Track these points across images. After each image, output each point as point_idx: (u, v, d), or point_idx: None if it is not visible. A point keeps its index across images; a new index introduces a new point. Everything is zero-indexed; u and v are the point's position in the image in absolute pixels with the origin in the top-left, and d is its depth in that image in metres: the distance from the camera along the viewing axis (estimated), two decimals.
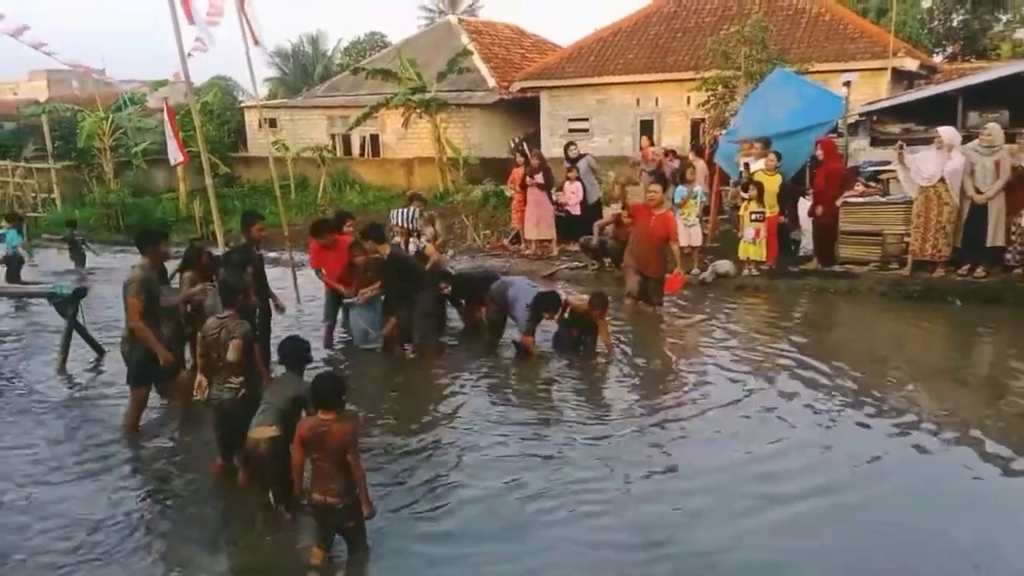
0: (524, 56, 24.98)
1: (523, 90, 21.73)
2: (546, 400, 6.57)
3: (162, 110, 11.32)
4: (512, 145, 21.62)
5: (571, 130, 20.92)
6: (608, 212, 12.90)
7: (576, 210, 12.41)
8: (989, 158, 9.00)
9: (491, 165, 19.15)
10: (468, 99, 21.99)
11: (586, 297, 7.51)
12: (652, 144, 13.59)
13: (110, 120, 20.49)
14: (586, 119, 20.98)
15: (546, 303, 7.29)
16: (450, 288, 8.30)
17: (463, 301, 8.52)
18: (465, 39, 23.47)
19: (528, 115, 22.19)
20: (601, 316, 7.38)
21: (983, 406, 6.12)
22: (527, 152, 14.10)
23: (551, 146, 21.31)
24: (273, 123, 23.83)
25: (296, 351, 4.82)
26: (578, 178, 12.41)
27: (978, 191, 9.06)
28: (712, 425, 5.83)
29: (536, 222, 12.19)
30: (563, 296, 7.64)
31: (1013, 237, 9.10)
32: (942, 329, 8.32)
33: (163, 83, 18.87)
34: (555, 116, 21.45)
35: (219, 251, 7.75)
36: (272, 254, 12.71)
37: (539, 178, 12.11)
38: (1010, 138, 9.29)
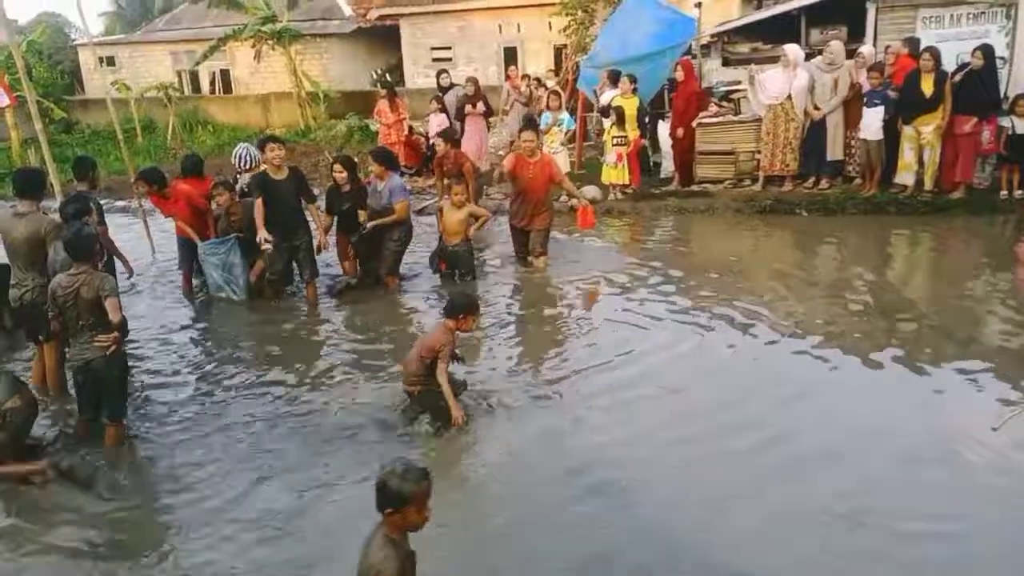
0: None
1: (382, 18, 21.03)
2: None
3: None
4: (374, 77, 20.99)
5: (434, 59, 20.52)
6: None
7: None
8: (829, 75, 9.49)
9: (354, 99, 18.56)
10: (324, 28, 21.11)
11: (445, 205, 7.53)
12: (522, 76, 13.38)
13: None
14: (449, 47, 20.60)
15: None
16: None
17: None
18: None
19: (389, 45, 21.57)
20: (462, 196, 7.44)
21: (826, 306, 6.64)
22: (389, 84, 13.71)
23: (414, 76, 20.90)
24: (111, 62, 22.10)
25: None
26: (442, 109, 12.16)
27: (816, 107, 9.58)
28: (583, 340, 6.11)
29: (477, 154, 11.53)
30: None
31: (852, 150, 9.71)
32: (791, 239, 8.84)
33: None
34: (417, 45, 20.93)
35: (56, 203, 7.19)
36: (120, 203, 11.97)
37: (480, 106, 11.65)
38: (848, 54, 9.80)
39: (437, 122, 12.22)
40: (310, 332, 6.72)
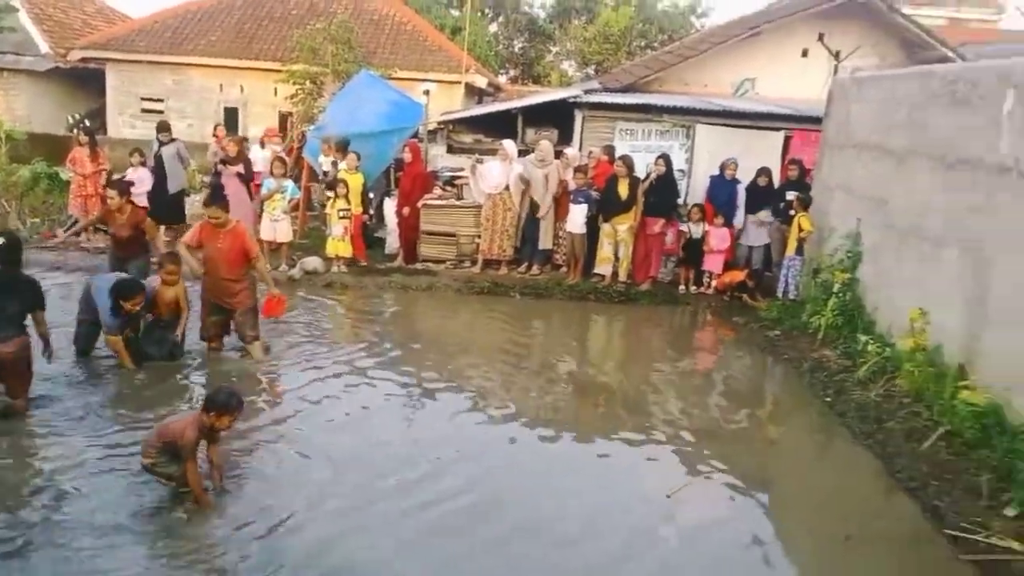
0: (86, 22, 22.10)
1: (85, 60, 19.21)
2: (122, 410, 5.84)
3: None
4: (71, 121, 18.97)
5: (144, 110, 19.14)
6: (191, 204, 11.96)
7: (142, 201, 11.15)
8: (541, 171, 10.33)
9: (42, 142, 16.50)
10: (15, 64, 18.77)
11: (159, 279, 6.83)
12: (228, 134, 12.76)
13: None
14: (162, 100, 19.33)
15: (124, 291, 6.36)
16: None
17: None
18: None
19: (92, 89, 19.71)
20: (175, 276, 6.76)
21: (535, 382, 7.08)
22: (91, 130, 12.43)
23: (120, 125, 19.27)
24: None
25: None
26: (144, 164, 11.24)
27: (534, 201, 10.34)
28: (297, 413, 5.86)
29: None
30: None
31: (560, 240, 10.58)
32: (506, 319, 9.27)
33: None
34: (125, 93, 19.38)
35: None
36: None
37: (239, 168, 10.56)
38: (557, 154, 10.76)
39: (137, 178, 11.26)
40: None
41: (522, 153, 11.07)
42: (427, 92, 12.22)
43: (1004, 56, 6.68)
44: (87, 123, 16.80)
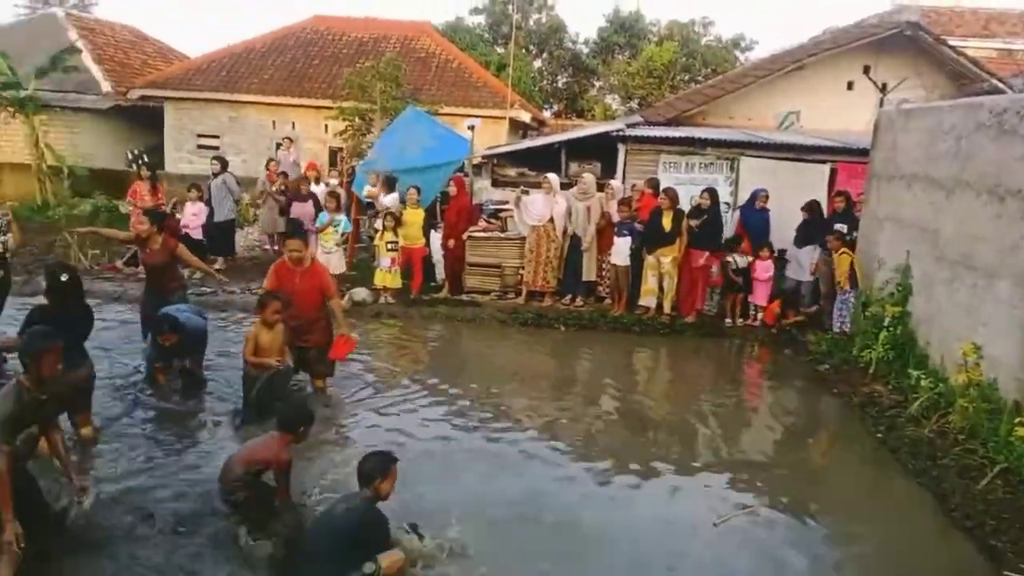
0: (146, 62, 22.98)
1: (145, 98, 19.96)
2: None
3: None
4: (130, 157, 19.69)
5: (200, 146, 19.76)
6: (242, 237, 12.35)
7: (198, 234, 11.56)
8: (583, 203, 10.43)
9: (103, 177, 17.17)
10: (77, 102, 19.56)
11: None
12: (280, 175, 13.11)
13: None
14: (217, 136, 19.96)
15: (156, 325, 6.60)
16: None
17: None
18: (73, 35, 20.91)
19: (150, 126, 20.44)
20: (279, 313, 6.46)
21: (582, 411, 7.13)
22: (152, 165, 12.91)
23: (176, 160, 19.92)
24: None
25: None
26: (201, 198, 11.65)
27: (575, 236, 10.39)
28: (353, 441, 5.91)
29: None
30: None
31: (603, 272, 10.63)
32: (550, 351, 9.34)
33: None
34: (181, 130, 20.06)
35: None
36: None
37: (309, 205, 11.07)
38: (600, 187, 10.86)
39: (193, 211, 11.66)
40: None
41: (565, 186, 11.19)
42: (472, 127, 12.43)
43: None
44: (145, 158, 17.45)
